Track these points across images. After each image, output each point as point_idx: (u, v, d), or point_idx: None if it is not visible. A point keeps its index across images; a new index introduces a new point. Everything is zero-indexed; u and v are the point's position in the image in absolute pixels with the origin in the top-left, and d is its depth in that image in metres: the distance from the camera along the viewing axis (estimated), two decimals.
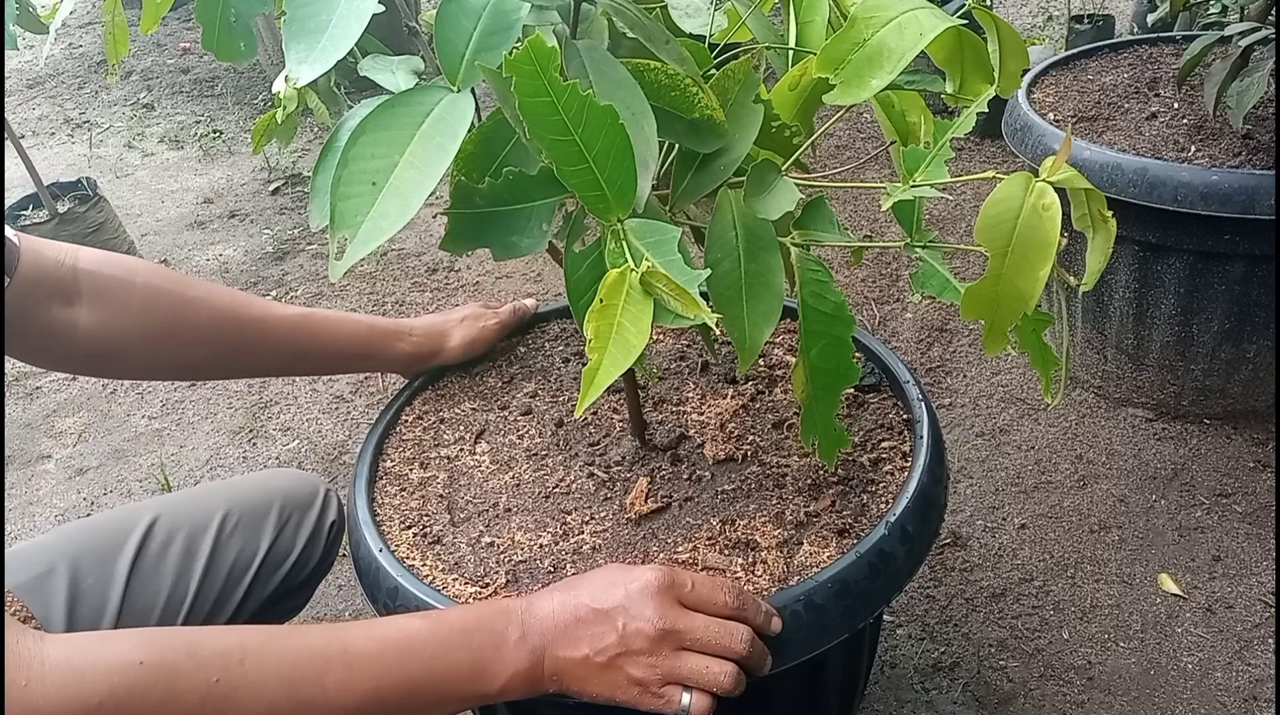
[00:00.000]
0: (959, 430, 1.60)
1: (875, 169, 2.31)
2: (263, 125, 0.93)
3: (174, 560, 0.88)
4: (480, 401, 0.97)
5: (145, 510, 0.91)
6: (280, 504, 0.95)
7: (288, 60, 0.53)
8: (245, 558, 0.91)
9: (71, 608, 0.82)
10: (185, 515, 0.91)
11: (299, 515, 0.95)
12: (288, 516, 0.94)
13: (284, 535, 0.93)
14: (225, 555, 0.90)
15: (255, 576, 0.90)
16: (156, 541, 0.88)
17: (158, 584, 0.86)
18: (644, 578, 0.66)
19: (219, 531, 0.90)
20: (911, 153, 0.63)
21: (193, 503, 0.93)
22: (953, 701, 1.20)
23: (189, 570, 0.88)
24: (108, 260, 0.85)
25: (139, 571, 0.86)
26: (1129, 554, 1.36)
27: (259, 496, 0.95)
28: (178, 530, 0.89)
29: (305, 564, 0.95)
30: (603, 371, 0.54)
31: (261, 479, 1.00)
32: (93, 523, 0.91)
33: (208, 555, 0.89)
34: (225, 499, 0.93)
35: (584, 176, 0.55)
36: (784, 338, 1.00)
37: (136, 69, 3.87)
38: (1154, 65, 1.63)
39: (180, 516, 0.90)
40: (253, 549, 0.91)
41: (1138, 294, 1.46)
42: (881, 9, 0.59)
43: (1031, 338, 0.67)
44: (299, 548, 0.94)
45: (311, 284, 2.31)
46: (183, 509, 0.92)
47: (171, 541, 0.88)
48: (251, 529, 0.92)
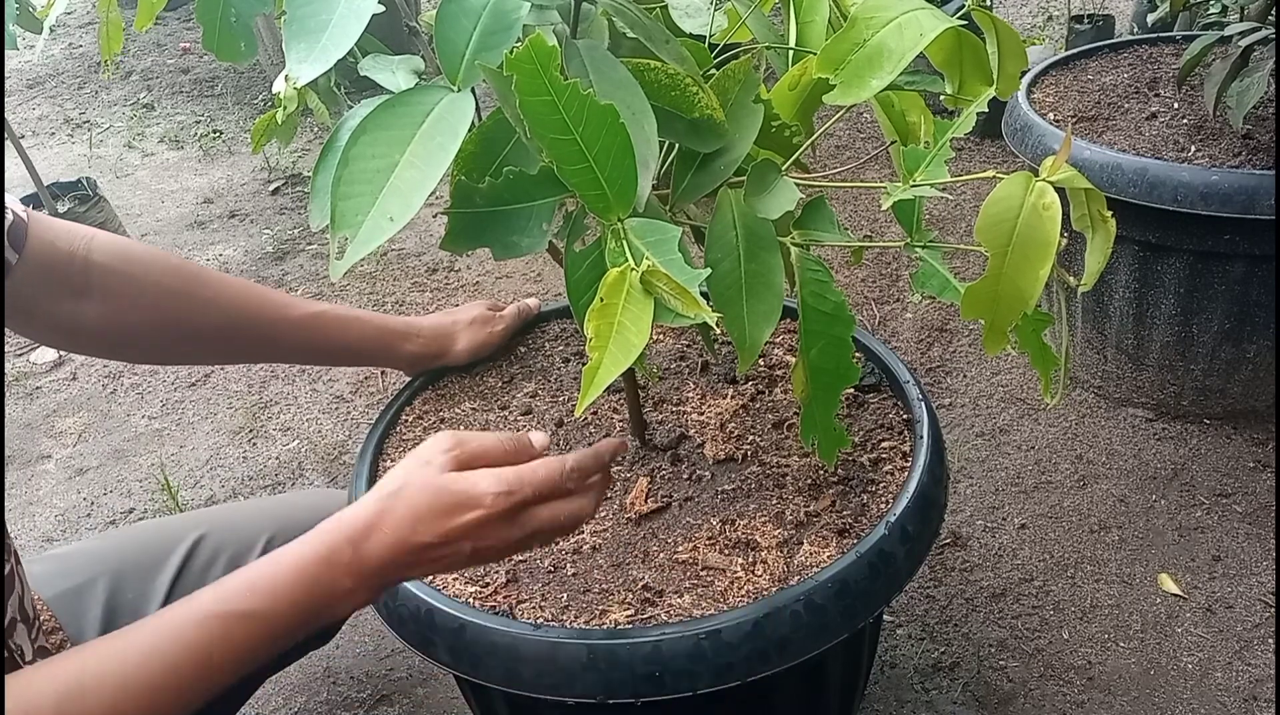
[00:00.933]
0: (959, 430, 1.60)
1: (875, 169, 2.31)
2: (262, 125, 0.93)
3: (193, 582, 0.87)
4: (480, 401, 0.97)
5: (192, 526, 0.90)
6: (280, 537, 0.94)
7: (288, 60, 0.53)
8: None
9: (108, 622, 0.81)
10: (230, 535, 0.90)
11: None
12: None
13: None
14: None
15: None
16: (200, 561, 0.87)
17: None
18: (476, 507, 0.62)
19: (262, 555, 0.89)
20: (911, 153, 0.63)
21: (240, 521, 0.92)
22: (953, 701, 1.20)
23: None
24: (122, 253, 0.84)
25: (179, 590, 0.85)
26: (1129, 554, 1.36)
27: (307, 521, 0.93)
28: (221, 551, 0.89)
29: None
30: (603, 371, 0.54)
31: (310, 501, 0.99)
32: (140, 533, 0.90)
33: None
34: (272, 520, 0.93)
35: (584, 176, 0.55)
36: (784, 338, 1.00)
37: (136, 69, 3.87)
38: (1154, 65, 1.63)
39: (225, 536, 0.90)
40: None
41: (1138, 294, 1.46)
42: (881, 9, 0.59)
43: (1031, 337, 0.67)
44: None
45: (311, 284, 2.31)
46: (229, 528, 0.91)
47: (214, 562, 0.88)
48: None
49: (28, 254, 0.77)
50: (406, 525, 0.62)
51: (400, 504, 0.62)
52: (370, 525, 0.62)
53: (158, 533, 0.89)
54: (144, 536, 0.89)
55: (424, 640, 0.74)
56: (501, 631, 0.71)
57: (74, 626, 0.80)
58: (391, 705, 1.29)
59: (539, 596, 0.75)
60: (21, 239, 0.77)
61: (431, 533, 0.62)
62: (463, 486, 0.62)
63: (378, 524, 0.62)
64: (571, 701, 0.69)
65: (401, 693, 1.30)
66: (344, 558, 0.62)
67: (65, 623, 0.80)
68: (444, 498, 0.62)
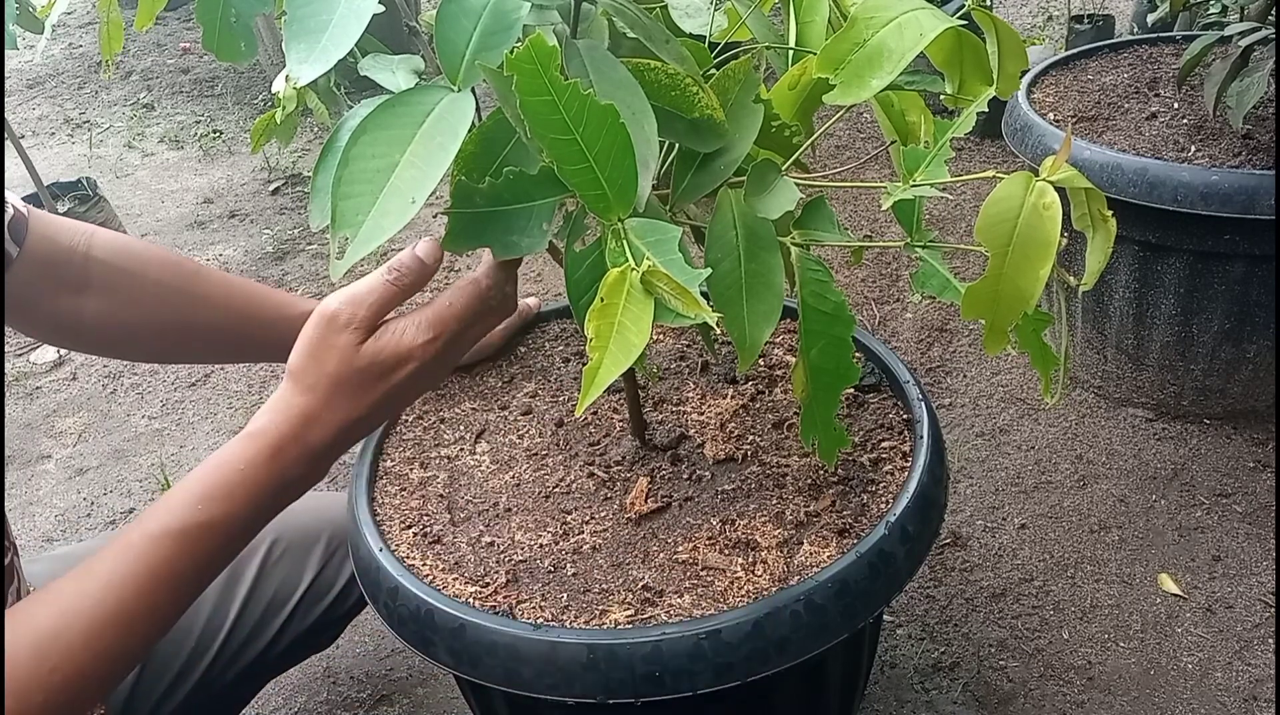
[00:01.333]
0: (959, 430, 1.60)
1: (875, 169, 2.31)
2: (262, 125, 0.93)
3: (217, 583, 0.86)
4: (480, 401, 0.97)
5: None
6: (329, 535, 0.93)
7: (288, 60, 0.53)
8: (287, 589, 0.89)
9: None
10: None
11: (345, 550, 0.94)
12: (334, 549, 0.93)
13: (328, 569, 0.92)
14: (268, 585, 0.89)
15: (295, 609, 0.89)
16: None
17: (199, 607, 0.85)
18: (409, 361, 0.62)
19: (265, 558, 0.89)
20: (911, 152, 0.63)
21: None
22: (953, 701, 1.20)
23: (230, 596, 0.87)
24: (122, 250, 0.84)
25: None
26: (1129, 554, 1.36)
27: (310, 524, 0.93)
28: None
29: (345, 599, 0.93)
30: (603, 371, 0.54)
31: (315, 504, 0.98)
32: None
33: (251, 582, 0.87)
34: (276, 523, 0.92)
35: (585, 175, 0.55)
36: (784, 338, 1.00)
37: (136, 69, 3.87)
38: (1154, 65, 1.63)
39: None
40: (295, 581, 0.90)
41: (1138, 294, 1.46)
42: (881, 9, 0.59)
43: (1031, 337, 0.67)
44: (341, 583, 0.93)
45: (312, 284, 2.31)
46: None
47: None
48: (297, 560, 0.91)
49: (28, 249, 0.77)
50: (344, 404, 0.61)
51: (330, 386, 0.61)
52: (308, 416, 0.62)
53: None
54: None
55: (424, 640, 0.74)
56: (501, 631, 0.71)
57: None
58: (391, 705, 1.29)
59: (539, 596, 0.75)
60: (22, 234, 0.77)
61: (371, 401, 0.62)
62: (389, 350, 0.61)
63: (315, 413, 0.62)
64: (571, 701, 0.69)
65: (401, 693, 1.30)
66: (291, 452, 0.62)
67: None
68: (374, 368, 0.61)
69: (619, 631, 0.71)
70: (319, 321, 0.61)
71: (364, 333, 0.61)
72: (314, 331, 0.61)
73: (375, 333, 0.62)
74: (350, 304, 0.61)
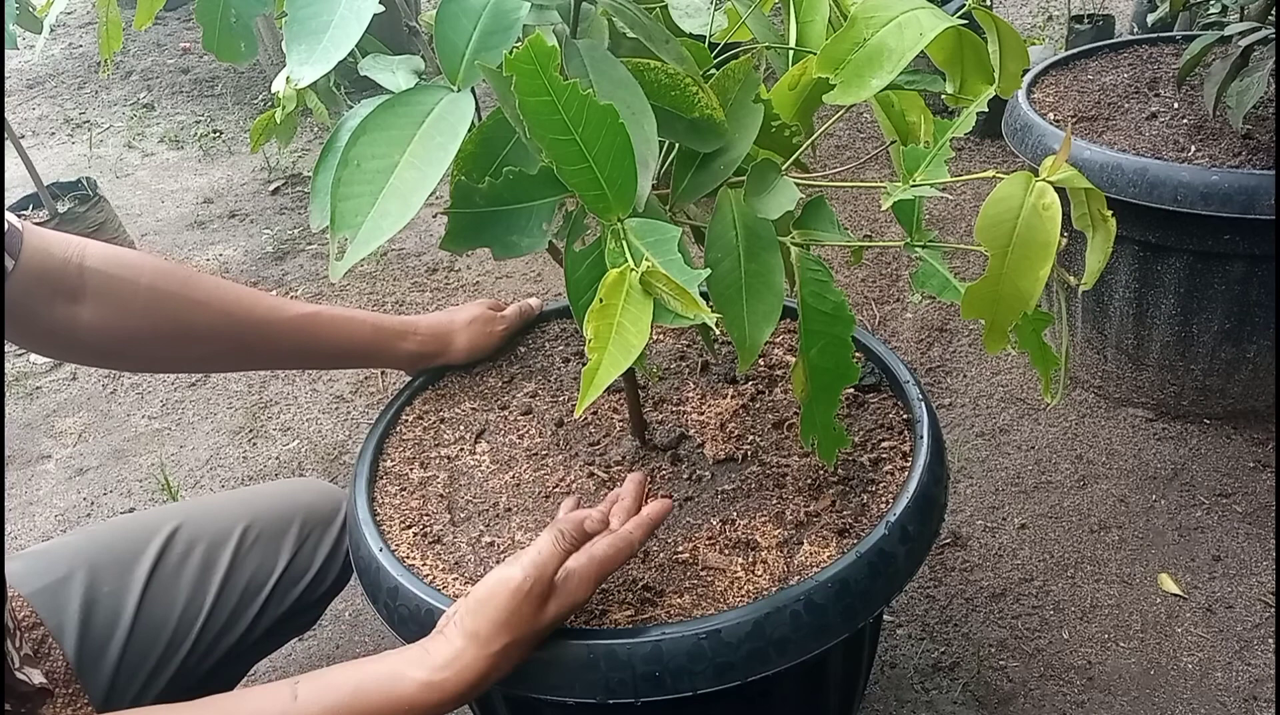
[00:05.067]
0: (959, 430, 1.60)
1: (875, 169, 2.31)
2: (261, 125, 0.93)
3: (191, 572, 0.87)
4: (480, 401, 0.97)
5: (168, 517, 0.90)
6: (302, 519, 0.94)
7: (289, 61, 0.53)
8: (262, 574, 0.90)
9: (86, 615, 0.81)
10: (207, 525, 0.90)
11: (320, 532, 0.95)
12: (308, 533, 0.94)
13: (303, 552, 0.93)
14: (243, 570, 0.89)
15: (271, 593, 0.90)
16: (176, 552, 0.87)
17: (174, 596, 0.86)
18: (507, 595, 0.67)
19: (238, 545, 0.89)
20: (911, 152, 0.63)
21: (215, 512, 0.92)
22: (953, 701, 1.20)
23: (206, 583, 0.87)
24: (115, 258, 0.84)
25: (156, 582, 0.85)
26: (1129, 554, 1.36)
27: (282, 509, 0.94)
28: (197, 541, 0.89)
29: (322, 581, 0.94)
30: (603, 371, 0.54)
31: (287, 490, 0.99)
32: (117, 526, 0.90)
33: (225, 569, 0.88)
34: (248, 510, 0.93)
35: (584, 176, 0.55)
36: (784, 337, 1.00)
37: (136, 69, 3.87)
38: (1154, 65, 1.63)
39: (201, 526, 0.90)
40: (270, 565, 0.91)
41: (1138, 294, 1.46)
42: (881, 9, 0.59)
43: (1031, 337, 0.67)
44: (316, 566, 0.93)
45: (311, 284, 2.31)
46: (205, 518, 0.91)
47: (190, 552, 0.88)
48: (271, 544, 0.91)
49: (23, 260, 0.78)
50: (516, 654, 0.67)
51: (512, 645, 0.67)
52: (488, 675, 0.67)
53: (134, 525, 0.90)
54: (120, 529, 0.89)
55: None
56: None
57: (54, 620, 0.80)
58: None
59: None
60: (17, 246, 0.78)
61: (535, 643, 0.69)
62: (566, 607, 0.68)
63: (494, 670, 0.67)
64: (571, 701, 0.69)
65: None
66: (460, 699, 0.66)
67: (45, 617, 0.80)
68: (553, 624, 0.68)
69: (619, 631, 0.71)
70: (507, 593, 0.66)
71: (547, 597, 0.67)
72: (503, 601, 0.66)
73: (556, 592, 0.67)
74: (536, 574, 0.66)
